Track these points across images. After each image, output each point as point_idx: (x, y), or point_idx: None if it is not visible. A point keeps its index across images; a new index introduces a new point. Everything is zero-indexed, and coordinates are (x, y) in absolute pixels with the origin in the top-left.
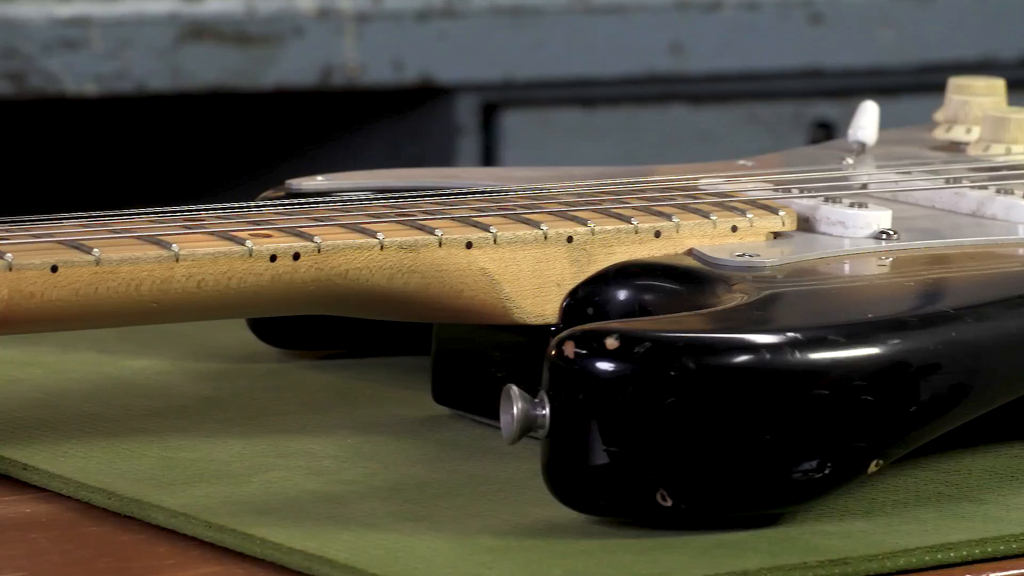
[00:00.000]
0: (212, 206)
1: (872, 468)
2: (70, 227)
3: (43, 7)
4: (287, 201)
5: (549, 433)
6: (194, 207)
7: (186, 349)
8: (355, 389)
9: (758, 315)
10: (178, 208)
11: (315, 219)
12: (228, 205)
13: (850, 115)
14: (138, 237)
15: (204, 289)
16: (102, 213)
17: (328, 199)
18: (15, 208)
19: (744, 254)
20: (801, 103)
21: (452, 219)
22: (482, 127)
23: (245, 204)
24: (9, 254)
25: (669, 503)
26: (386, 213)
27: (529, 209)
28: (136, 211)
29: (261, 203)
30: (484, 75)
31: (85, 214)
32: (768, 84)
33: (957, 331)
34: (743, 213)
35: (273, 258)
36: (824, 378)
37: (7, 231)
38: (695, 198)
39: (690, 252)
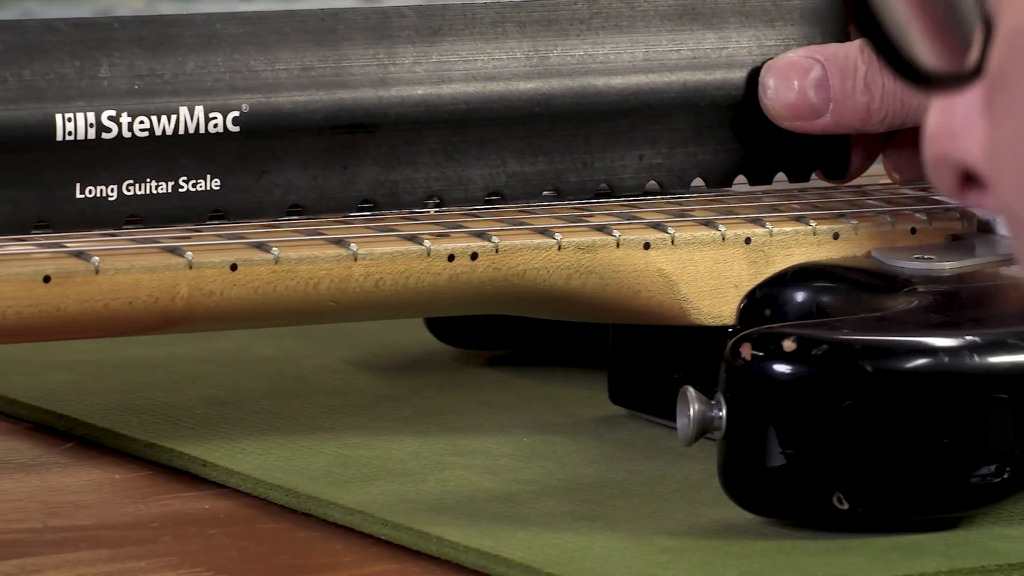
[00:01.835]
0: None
1: None
2: (250, 227)
3: (227, 5)
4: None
5: (725, 435)
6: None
7: (363, 347)
8: (532, 388)
9: (936, 318)
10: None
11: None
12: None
13: None
14: (317, 237)
15: (382, 288)
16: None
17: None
18: None
19: (922, 256)
20: None
21: (630, 219)
22: None
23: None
24: (189, 252)
25: (846, 506)
26: (566, 214)
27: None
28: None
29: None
30: None
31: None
32: None
33: None
34: (922, 215)
35: (451, 258)
36: (1003, 382)
37: (190, 231)
38: (873, 199)
39: (868, 254)
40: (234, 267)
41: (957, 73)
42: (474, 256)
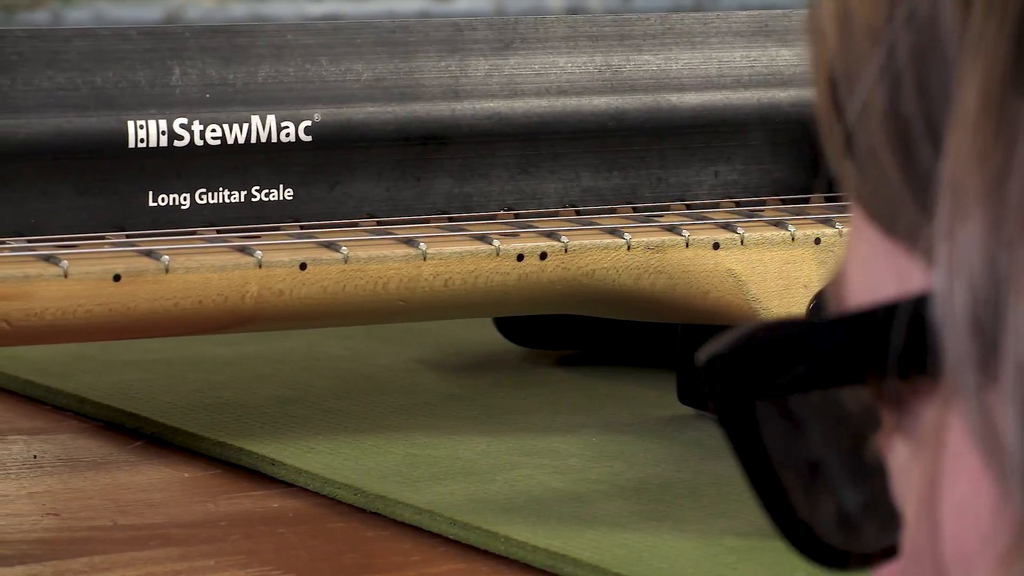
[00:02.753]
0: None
1: None
2: (318, 227)
3: (295, 6)
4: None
5: None
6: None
7: (432, 347)
8: (600, 388)
9: None
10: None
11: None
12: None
13: None
14: (387, 236)
15: (451, 288)
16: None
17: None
18: None
19: None
20: None
21: (699, 220)
22: None
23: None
24: (259, 252)
25: None
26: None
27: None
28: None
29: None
30: None
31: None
32: None
33: None
34: None
35: (520, 257)
36: None
37: (258, 230)
38: None
39: None
40: (303, 266)
41: (869, 552)
42: (543, 256)
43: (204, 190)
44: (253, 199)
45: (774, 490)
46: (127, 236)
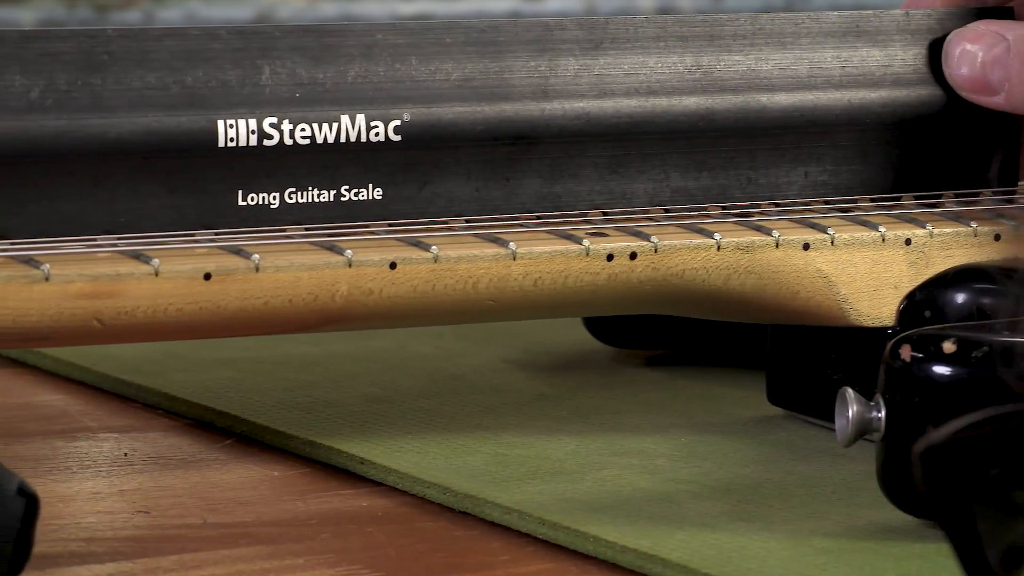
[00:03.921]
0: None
1: None
2: (407, 225)
3: (385, 5)
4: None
5: (884, 436)
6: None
7: (522, 346)
8: (690, 388)
9: None
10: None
11: (651, 219)
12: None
13: None
14: (475, 235)
15: (540, 287)
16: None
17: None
18: None
19: None
20: None
21: (790, 220)
22: None
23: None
24: (349, 250)
25: None
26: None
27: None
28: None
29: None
30: None
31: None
32: None
33: None
34: None
35: (610, 257)
36: None
37: (345, 228)
38: None
39: None
40: (393, 265)
41: None
42: (633, 256)
43: (293, 189)
44: (342, 198)
45: (982, 567)
46: (216, 235)
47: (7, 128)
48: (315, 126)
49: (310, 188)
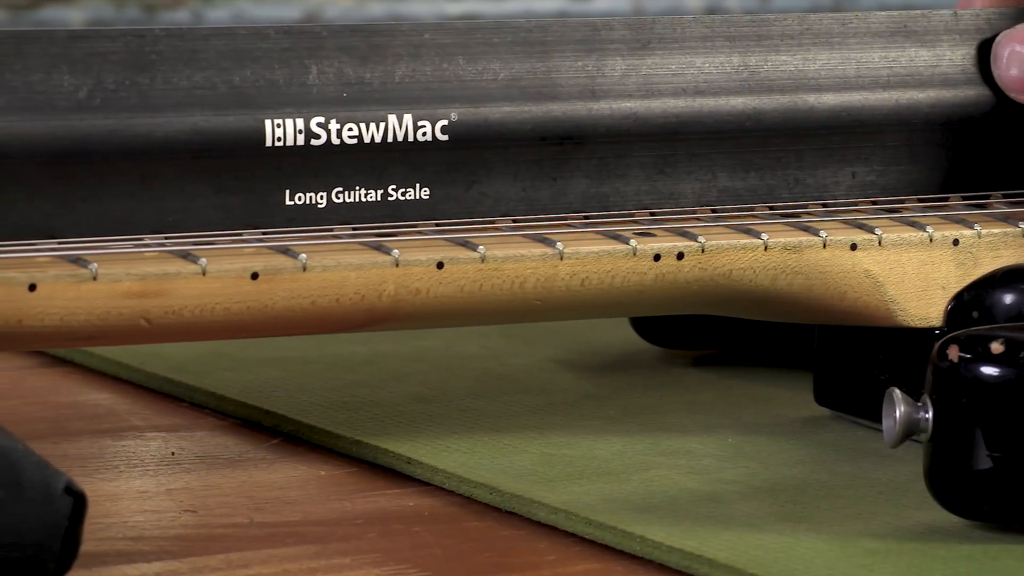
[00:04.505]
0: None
1: None
2: (454, 225)
3: (433, 5)
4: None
5: (932, 437)
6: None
7: (569, 346)
8: (737, 389)
9: None
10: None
11: (698, 219)
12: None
13: None
14: (522, 235)
15: (588, 287)
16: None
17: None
18: None
19: None
20: None
21: (836, 220)
22: None
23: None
24: (396, 250)
25: None
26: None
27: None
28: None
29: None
30: None
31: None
32: None
33: None
34: None
35: (657, 257)
36: None
37: (393, 228)
38: None
39: None
40: (440, 265)
41: None
42: (680, 256)
43: (340, 189)
44: (390, 198)
45: None
46: (263, 234)
47: (55, 127)
48: (362, 126)
49: (357, 188)
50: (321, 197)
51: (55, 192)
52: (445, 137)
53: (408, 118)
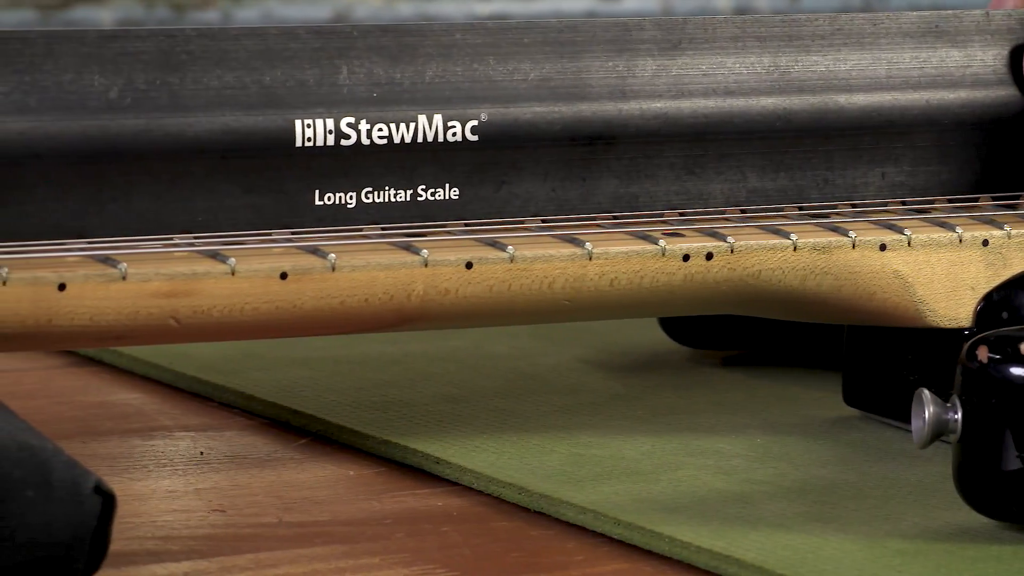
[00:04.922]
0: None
1: None
2: (483, 225)
3: (463, 5)
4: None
5: (960, 438)
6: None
7: (598, 346)
8: (765, 389)
9: None
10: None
11: (727, 219)
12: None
13: None
14: (552, 235)
15: (616, 287)
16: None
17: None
18: None
19: None
20: None
21: (866, 221)
22: None
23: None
24: (425, 250)
25: None
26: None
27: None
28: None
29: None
30: None
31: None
32: None
33: None
34: None
35: (686, 257)
36: None
37: (422, 228)
38: None
39: None
40: (469, 265)
41: None
42: (709, 256)
43: (370, 189)
44: (419, 198)
45: None
46: (292, 234)
47: (86, 127)
48: (392, 126)
49: (387, 188)
50: (351, 197)
51: (85, 192)
52: (475, 137)
53: (438, 118)
